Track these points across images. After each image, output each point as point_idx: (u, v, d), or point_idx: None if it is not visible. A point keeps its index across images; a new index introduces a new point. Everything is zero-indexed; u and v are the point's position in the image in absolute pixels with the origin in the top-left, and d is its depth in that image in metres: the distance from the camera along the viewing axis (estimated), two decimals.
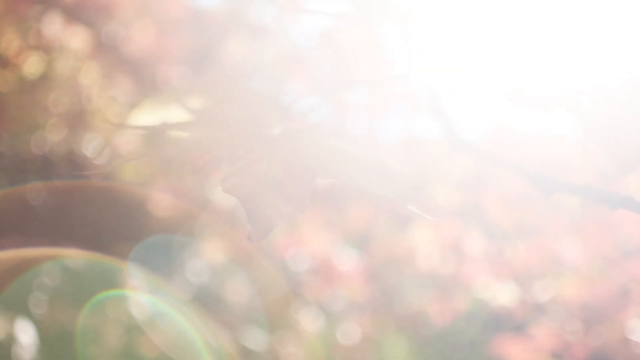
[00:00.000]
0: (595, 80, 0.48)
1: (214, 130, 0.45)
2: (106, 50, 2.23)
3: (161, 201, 2.32)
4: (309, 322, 2.44)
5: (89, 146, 2.20)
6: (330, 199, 2.24)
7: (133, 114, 0.50)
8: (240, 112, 0.46)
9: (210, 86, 0.48)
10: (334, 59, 2.11)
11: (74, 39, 2.16)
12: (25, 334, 1.72)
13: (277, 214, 0.41)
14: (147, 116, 0.49)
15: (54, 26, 2.15)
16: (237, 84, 0.47)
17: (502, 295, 2.14)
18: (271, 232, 0.40)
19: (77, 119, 2.24)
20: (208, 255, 2.41)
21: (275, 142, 0.45)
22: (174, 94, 0.49)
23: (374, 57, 2.01)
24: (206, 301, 2.33)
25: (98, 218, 2.89)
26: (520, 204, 2.10)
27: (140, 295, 2.13)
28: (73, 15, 2.19)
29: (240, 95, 0.47)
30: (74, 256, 2.13)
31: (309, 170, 0.43)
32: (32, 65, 2.16)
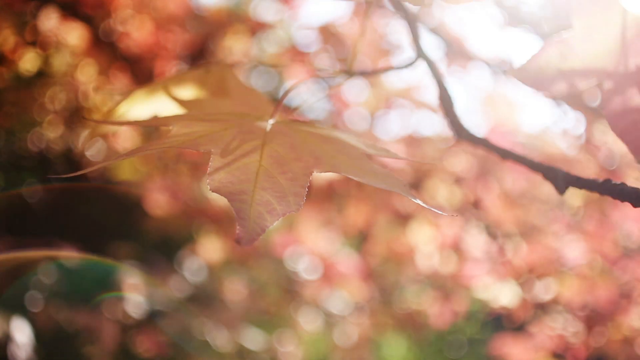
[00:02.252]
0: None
1: (205, 124, 0.42)
2: (103, 47, 2.21)
3: (159, 200, 2.31)
4: (307, 321, 2.42)
5: (86, 143, 2.18)
6: (329, 197, 2.22)
7: (123, 106, 0.48)
8: (233, 104, 0.44)
9: (203, 77, 0.45)
10: (334, 53, 2.09)
11: (71, 35, 2.15)
12: (22, 333, 1.70)
13: (268, 213, 0.37)
14: (137, 108, 0.47)
15: (50, 22, 2.13)
16: (231, 74, 0.45)
17: (503, 295, 2.12)
18: (262, 234, 0.36)
19: (74, 116, 2.23)
20: (206, 254, 2.40)
21: (269, 135, 0.42)
22: (165, 85, 0.46)
23: (375, 51, 1.99)
24: (204, 300, 2.31)
25: (95, 217, 2.87)
26: (522, 203, 2.09)
27: (138, 294, 2.12)
28: (70, 11, 2.17)
29: (233, 86, 0.44)
30: (71, 255, 2.12)
31: (305, 163, 0.40)
32: (28, 62, 2.14)
